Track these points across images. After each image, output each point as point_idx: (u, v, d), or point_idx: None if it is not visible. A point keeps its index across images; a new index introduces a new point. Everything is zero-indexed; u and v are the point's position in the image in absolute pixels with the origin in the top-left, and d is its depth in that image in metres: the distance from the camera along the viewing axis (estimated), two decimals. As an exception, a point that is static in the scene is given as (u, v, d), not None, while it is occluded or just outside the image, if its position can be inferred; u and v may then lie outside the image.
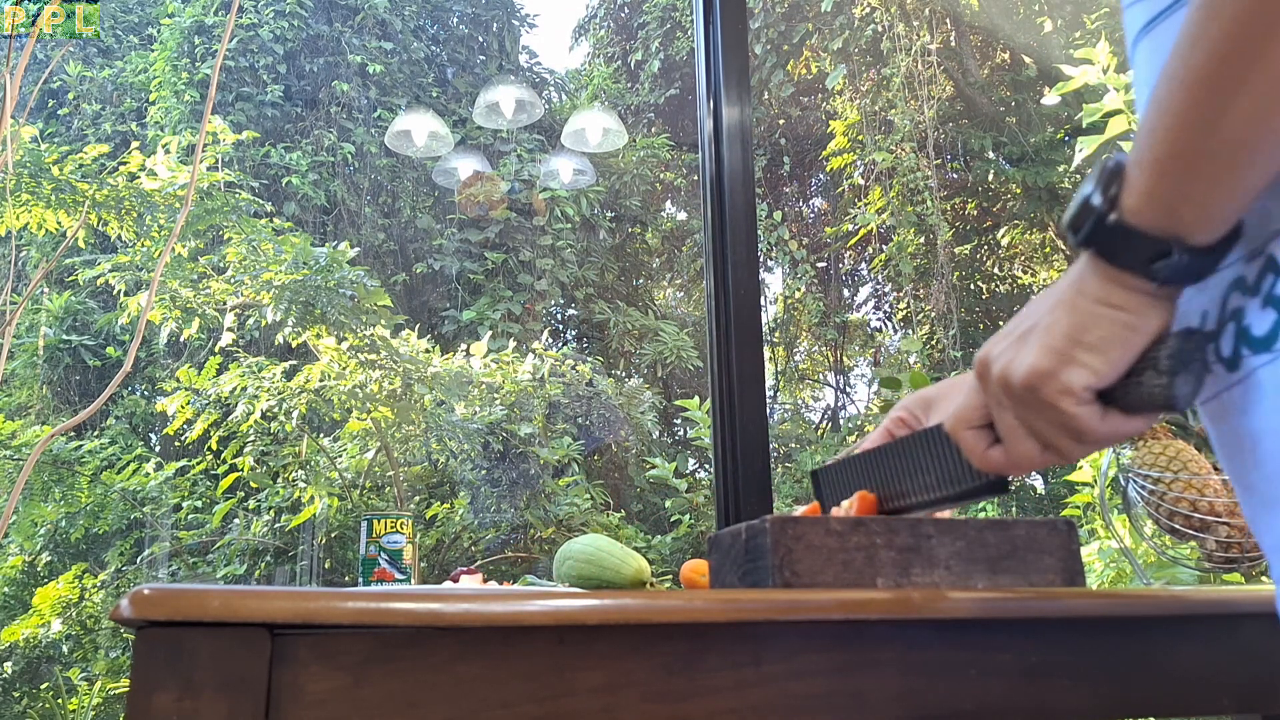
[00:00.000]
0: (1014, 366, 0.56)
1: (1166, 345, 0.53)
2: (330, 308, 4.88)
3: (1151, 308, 0.53)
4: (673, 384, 8.28)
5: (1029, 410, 0.57)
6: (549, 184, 7.86)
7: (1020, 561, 0.80)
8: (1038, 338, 0.56)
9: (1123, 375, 0.54)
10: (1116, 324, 0.53)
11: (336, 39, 7.89)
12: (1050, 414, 0.56)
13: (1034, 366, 0.55)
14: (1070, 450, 0.58)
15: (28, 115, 6.43)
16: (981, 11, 8.26)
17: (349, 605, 0.60)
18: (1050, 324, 0.55)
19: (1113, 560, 2.36)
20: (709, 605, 0.69)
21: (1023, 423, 0.58)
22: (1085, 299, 0.54)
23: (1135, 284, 0.52)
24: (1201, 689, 0.80)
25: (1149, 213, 0.50)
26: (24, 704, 4.90)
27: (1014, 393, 0.57)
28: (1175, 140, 0.49)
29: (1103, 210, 0.52)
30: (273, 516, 5.33)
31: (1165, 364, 0.53)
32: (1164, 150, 0.49)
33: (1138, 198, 0.51)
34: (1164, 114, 0.49)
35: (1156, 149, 0.50)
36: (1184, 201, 0.49)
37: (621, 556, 1.11)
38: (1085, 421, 0.55)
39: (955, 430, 0.65)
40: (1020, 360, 0.56)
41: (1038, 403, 0.56)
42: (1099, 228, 0.52)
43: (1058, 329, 0.55)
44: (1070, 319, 0.54)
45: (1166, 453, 1.41)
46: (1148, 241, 0.51)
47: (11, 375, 6.37)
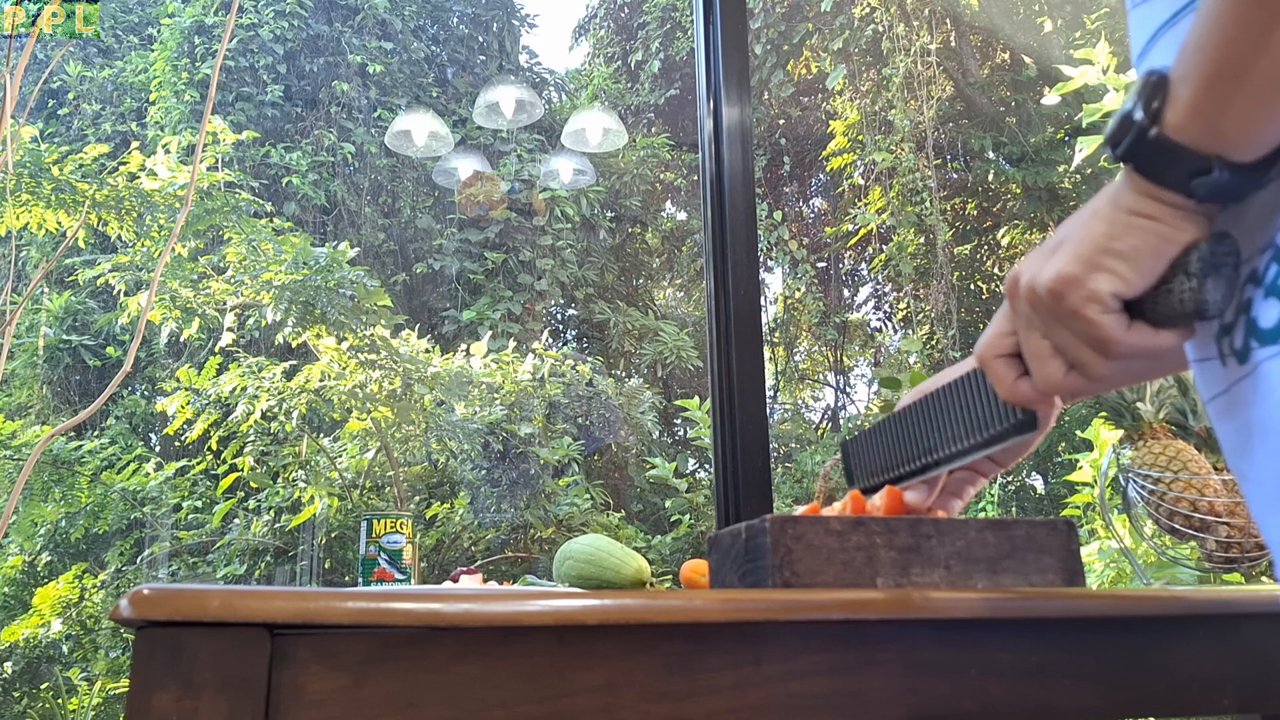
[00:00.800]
0: (1042, 275, 0.56)
1: (1197, 250, 0.52)
2: (330, 308, 4.88)
3: (1187, 220, 0.52)
4: (673, 384, 8.29)
5: (1055, 321, 0.56)
6: (549, 184, 7.86)
7: (1020, 561, 0.80)
8: (1069, 247, 0.55)
9: (1153, 286, 0.53)
10: (1149, 233, 0.52)
11: (336, 39, 7.89)
12: (1075, 324, 0.55)
13: (1060, 272, 0.54)
14: (1095, 366, 0.56)
15: (28, 115, 6.43)
16: (981, 11, 8.26)
17: (349, 605, 0.60)
18: (1082, 235, 0.55)
19: (1113, 560, 2.36)
20: (709, 605, 0.69)
21: (1049, 338, 0.57)
22: (1119, 210, 0.53)
23: (1172, 199, 0.51)
24: (1201, 689, 0.80)
25: (1192, 128, 0.49)
26: (24, 704, 4.90)
27: (1040, 302, 0.56)
28: (1223, 57, 0.47)
29: (1144, 124, 0.51)
30: (273, 516, 5.33)
31: (1196, 266, 0.52)
32: (1211, 67, 0.48)
33: (1181, 113, 0.50)
34: (1213, 29, 0.48)
35: (1204, 65, 0.48)
36: (1229, 119, 0.48)
37: (621, 556, 1.11)
38: (1110, 330, 0.54)
39: (984, 358, 0.63)
40: (1049, 268, 0.55)
41: (1063, 312, 0.55)
42: (1140, 142, 0.51)
43: (1088, 238, 0.54)
44: (1101, 228, 0.54)
45: (1166, 453, 1.41)
46: (1189, 157, 0.50)
47: (11, 375, 6.37)
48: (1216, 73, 0.48)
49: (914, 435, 0.79)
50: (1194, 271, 0.52)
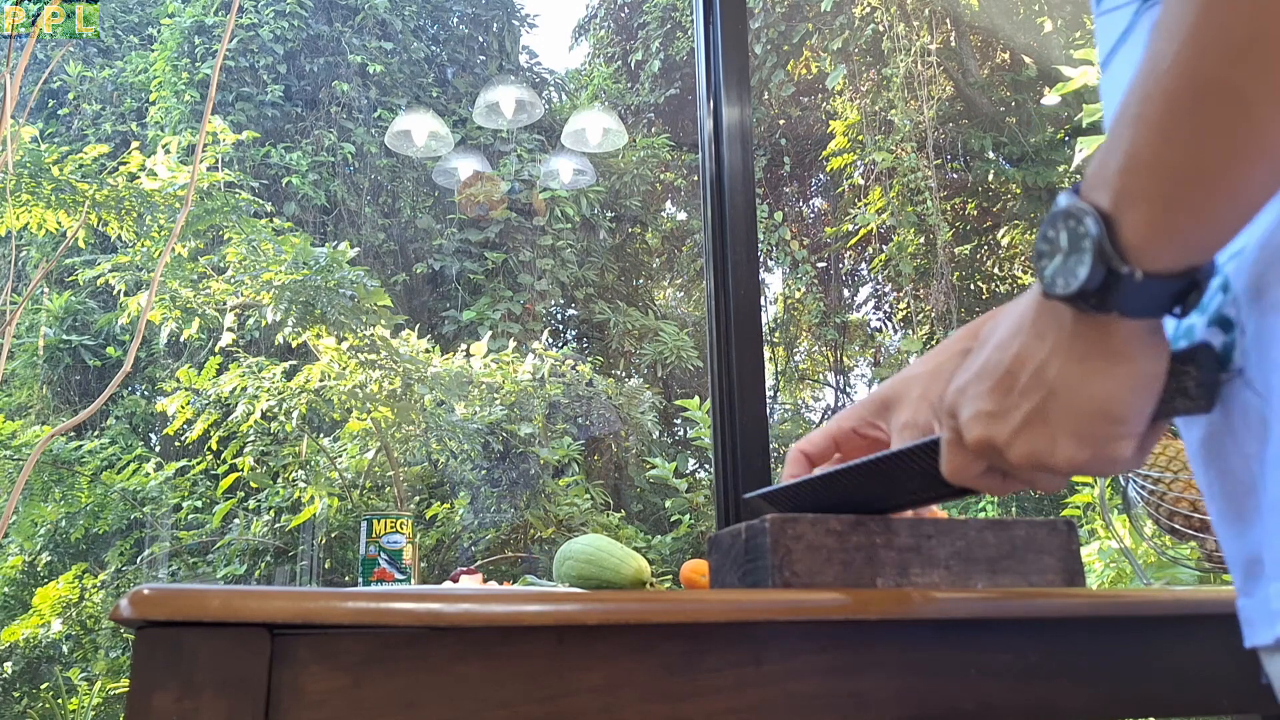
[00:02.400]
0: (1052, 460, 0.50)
1: (1189, 375, 0.49)
2: (330, 308, 4.88)
3: (1157, 338, 0.48)
4: (673, 384, 8.28)
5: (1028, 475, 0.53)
6: (549, 184, 7.86)
7: (1020, 561, 0.80)
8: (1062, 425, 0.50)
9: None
10: (1137, 379, 0.48)
11: (336, 39, 7.89)
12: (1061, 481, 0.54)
13: (1073, 461, 0.50)
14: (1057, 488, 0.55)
15: (28, 115, 6.43)
16: (981, 11, 8.27)
17: (349, 605, 0.60)
18: (1067, 406, 0.49)
19: (1113, 560, 2.36)
20: (709, 605, 0.69)
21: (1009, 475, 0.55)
22: (1093, 363, 0.48)
23: (1148, 324, 0.47)
24: (1201, 689, 0.80)
25: (1173, 253, 0.44)
26: (24, 704, 4.90)
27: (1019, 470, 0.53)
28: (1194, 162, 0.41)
29: (1124, 272, 0.44)
30: (273, 516, 5.33)
31: (1195, 391, 0.50)
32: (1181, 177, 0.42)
33: (1153, 240, 0.44)
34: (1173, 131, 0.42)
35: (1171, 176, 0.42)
36: (1213, 232, 0.44)
37: (621, 556, 1.11)
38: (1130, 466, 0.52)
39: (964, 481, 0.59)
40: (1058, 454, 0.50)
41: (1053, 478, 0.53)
42: (1123, 290, 0.45)
43: (1079, 410, 0.49)
44: (1086, 392, 0.48)
45: (1166, 453, 1.41)
46: (1173, 282, 0.45)
47: (11, 375, 6.37)
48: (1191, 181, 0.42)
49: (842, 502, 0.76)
50: (1193, 394, 0.50)
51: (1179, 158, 0.42)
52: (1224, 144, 0.41)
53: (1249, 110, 0.39)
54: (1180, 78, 0.41)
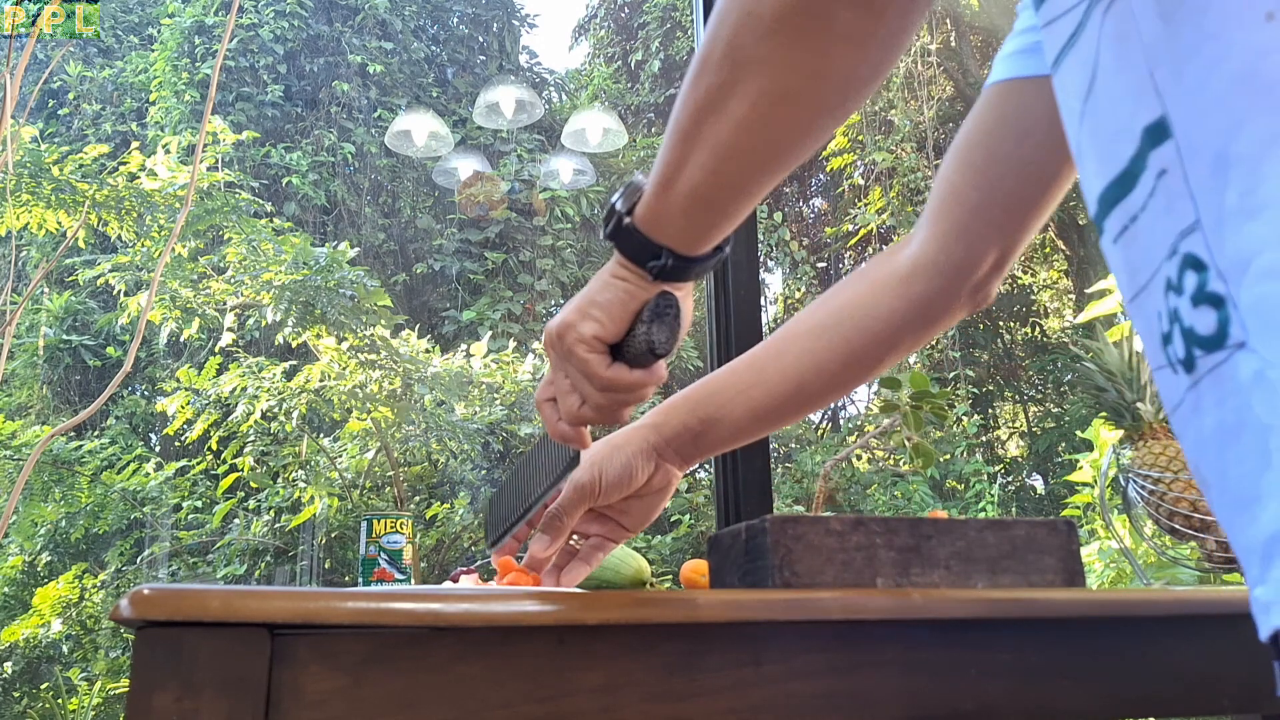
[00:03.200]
0: (551, 323, 0.71)
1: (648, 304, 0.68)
2: (330, 308, 4.88)
3: (650, 284, 0.68)
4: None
5: (565, 361, 0.70)
6: (549, 184, 7.86)
7: (1020, 561, 0.80)
8: (572, 302, 0.70)
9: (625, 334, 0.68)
10: (620, 290, 0.68)
11: (336, 39, 7.89)
12: (574, 360, 0.69)
13: (563, 319, 0.69)
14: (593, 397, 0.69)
15: (28, 115, 6.44)
16: (981, 11, 8.27)
17: (349, 605, 0.60)
18: (582, 293, 0.71)
19: (1113, 560, 2.36)
20: (709, 605, 0.69)
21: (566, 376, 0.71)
22: (606, 273, 0.69)
23: (636, 270, 0.67)
24: (1201, 689, 0.80)
25: (647, 224, 0.65)
26: (24, 704, 4.90)
27: (552, 343, 0.70)
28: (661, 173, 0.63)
29: (621, 213, 0.66)
30: (273, 516, 5.33)
31: (646, 315, 0.67)
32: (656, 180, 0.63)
33: (641, 210, 0.65)
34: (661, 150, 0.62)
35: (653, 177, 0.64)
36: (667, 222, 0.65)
37: (621, 556, 1.11)
38: (594, 366, 0.68)
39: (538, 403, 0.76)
40: (557, 316, 0.71)
41: (565, 351, 0.69)
42: (617, 228, 0.67)
43: (584, 294, 0.70)
44: (593, 286, 0.70)
45: (1166, 453, 1.41)
46: (646, 244, 0.66)
47: (11, 375, 6.37)
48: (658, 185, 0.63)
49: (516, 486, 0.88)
50: (645, 319, 0.67)
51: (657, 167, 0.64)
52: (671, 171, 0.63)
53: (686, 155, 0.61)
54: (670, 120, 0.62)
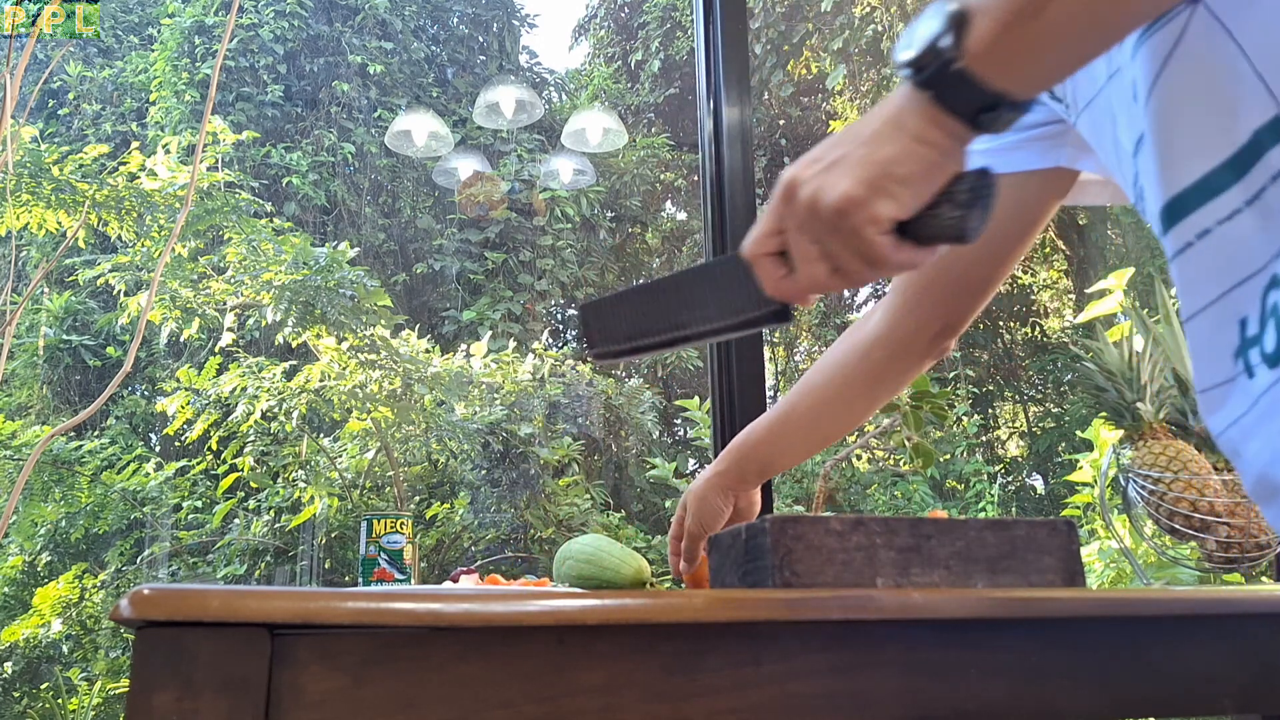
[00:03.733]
0: (825, 192, 0.57)
1: (966, 180, 0.56)
2: (330, 308, 4.88)
3: (959, 150, 0.56)
4: (673, 384, 8.28)
5: (831, 235, 0.58)
6: (549, 184, 7.86)
7: (1020, 561, 0.80)
8: (852, 166, 0.57)
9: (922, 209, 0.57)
10: (929, 161, 0.55)
11: (337, 39, 7.89)
12: (851, 240, 0.58)
13: (847, 193, 0.56)
14: (861, 275, 0.60)
15: (28, 115, 6.43)
16: (981, 11, 8.26)
17: (349, 605, 0.60)
18: (865, 154, 0.56)
19: (1113, 560, 2.36)
20: (709, 605, 0.69)
21: (819, 246, 0.60)
22: (904, 134, 0.55)
23: (954, 128, 0.54)
24: (1201, 689, 0.80)
25: (989, 66, 0.52)
26: (24, 704, 4.90)
27: (821, 216, 0.58)
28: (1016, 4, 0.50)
29: (950, 55, 0.53)
30: (273, 516, 5.33)
31: (962, 197, 0.56)
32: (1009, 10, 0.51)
33: (983, 50, 0.52)
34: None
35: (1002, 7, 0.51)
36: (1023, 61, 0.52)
37: (621, 556, 1.11)
38: (883, 249, 0.57)
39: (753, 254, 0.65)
40: (832, 185, 0.57)
41: (843, 228, 0.57)
42: (943, 72, 0.53)
43: (873, 159, 0.56)
44: (885, 150, 0.56)
45: (1166, 453, 1.41)
46: (983, 93, 0.53)
47: (11, 375, 6.37)
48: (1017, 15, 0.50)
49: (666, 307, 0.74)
50: (961, 201, 0.56)
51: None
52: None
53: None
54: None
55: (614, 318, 0.78)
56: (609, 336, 0.78)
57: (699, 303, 0.72)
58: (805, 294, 0.64)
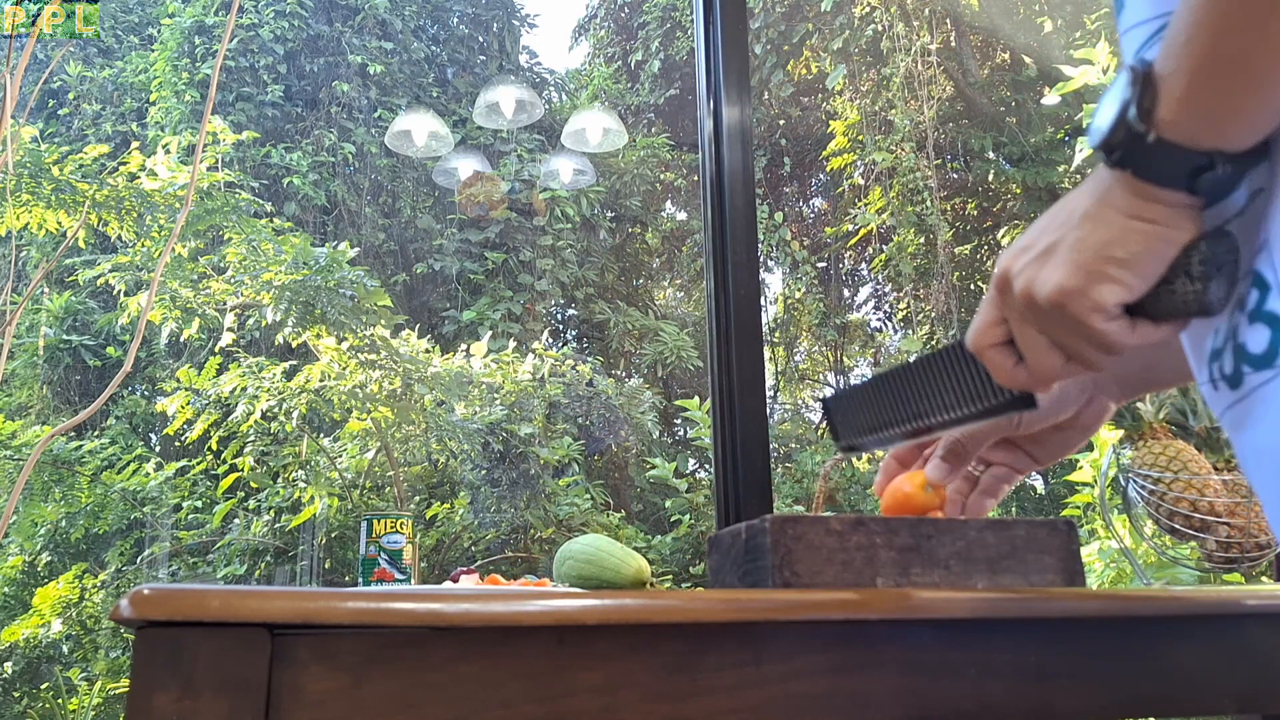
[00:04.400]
0: (1040, 284, 0.55)
1: (1199, 250, 0.51)
2: (330, 308, 4.88)
3: (1184, 218, 0.51)
4: (673, 384, 8.28)
5: (1055, 326, 0.56)
6: (549, 184, 7.86)
7: (1020, 561, 0.80)
8: (1065, 254, 0.54)
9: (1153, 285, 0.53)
10: (1150, 237, 0.51)
11: (337, 39, 7.89)
12: (1078, 329, 0.54)
13: (1061, 285, 0.53)
14: (1097, 361, 0.56)
15: (28, 115, 6.43)
16: (981, 11, 8.26)
17: (349, 605, 0.60)
18: (1078, 239, 0.53)
19: (1113, 560, 2.36)
20: (709, 605, 0.69)
21: (1046, 334, 0.57)
22: (1115, 213, 0.52)
23: (1171, 198, 0.50)
24: (1202, 689, 0.80)
25: (1190, 125, 0.47)
26: (24, 704, 4.90)
27: (1039, 310, 0.55)
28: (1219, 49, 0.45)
29: (1140, 129, 0.49)
30: (273, 516, 5.33)
31: (1198, 270, 0.51)
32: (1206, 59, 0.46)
33: (1177, 110, 0.47)
34: (1203, 20, 0.45)
35: (1198, 57, 0.46)
36: (1229, 111, 0.47)
37: (621, 556, 1.11)
38: (1114, 336, 0.54)
39: (979, 348, 0.63)
40: (1046, 277, 0.54)
41: (1066, 319, 0.54)
42: (1137, 147, 0.49)
43: (1086, 244, 0.53)
44: (1099, 234, 0.52)
45: (1166, 453, 1.41)
46: (1190, 155, 0.48)
47: (11, 375, 6.37)
48: (1213, 65, 0.46)
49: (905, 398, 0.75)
50: (1197, 275, 0.51)
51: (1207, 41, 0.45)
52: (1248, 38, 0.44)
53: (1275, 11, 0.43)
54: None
55: (856, 410, 0.80)
56: (853, 429, 0.80)
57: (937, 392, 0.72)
58: (1042, 383, 0.61)
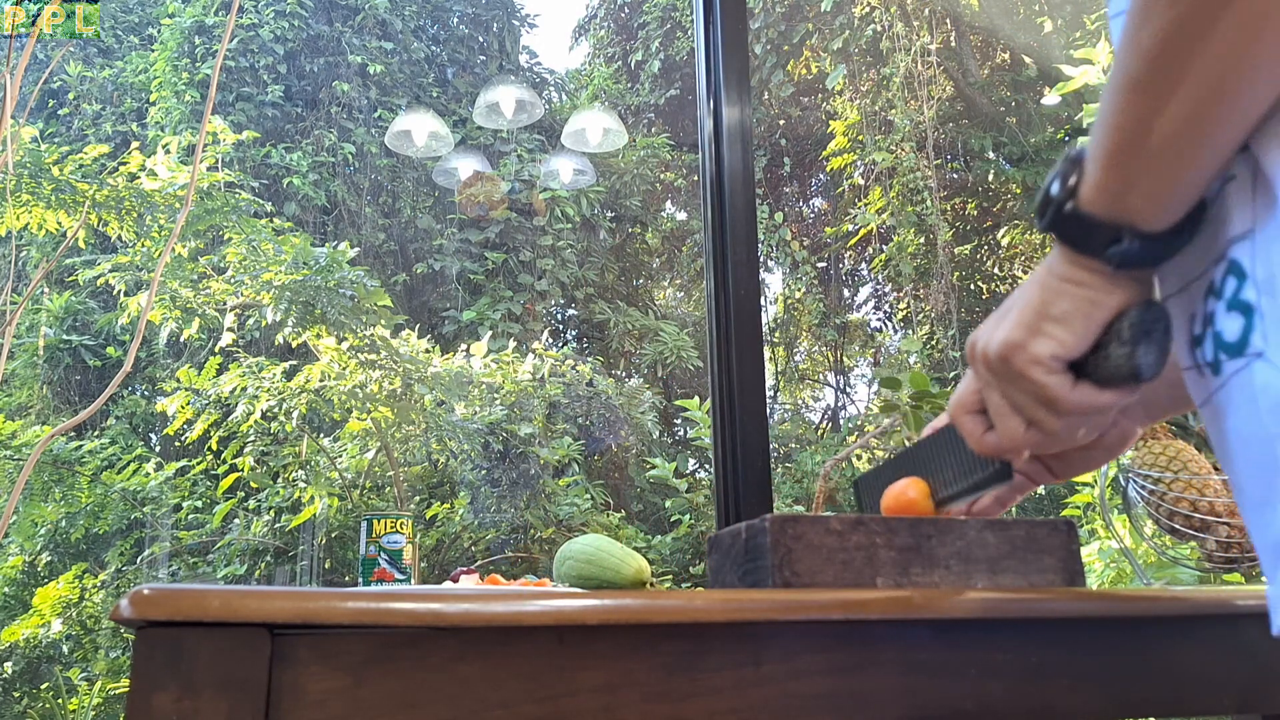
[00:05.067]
0: (991, 342, 0.61)
1: (1128, 316, 0.56)
2: (330, 308, 4.88)
3: (1113, 285, 0.56)
4: (673, 384, 8.28)
5: (1008, 383, 0.61)
6: (549, 184, 7.86)
7: (1020, 561, 0.80)
8: (1014, 315, 0.60)
9: (1091, 349, 0.57)
10: (1079, 299, 0.57)
11: (337, 39, 7.89)
12: (1025, 384, 0.59)
13: (1006, 338, 0.59)
14: (1047, 422, 0.61)
15: (28, 115, 6.43)
16: (981, 11, 8.26)
17: (349, 605, 0.60)
18: (1024, 302, 0.60)
19: (1113, 560, 2.36)
20: (709, 605, 0.69)
21: (1005, 398, 0.62)
22: (1053, 277, 0.58)
23: (1094, 265, 0.56)
24: (1201, 689, 0.80)
25: (1100, 202, 0.54)
26: (24, 704, 4.90)
27: (993, 366, 0.61)
28: (1118, 137, 0.52)
29: (1061, 199, 0.56)
30: (273, 516, 5.33)
31: (1127, 334, 0.56)
32: (1110, 145, 0.53)
33: (1090, 188, 0.54)
34: (1109, 112, 0.52)
35: (1104, 143, 0.53)
36: (1130, 192, 0.53)
37: (621, 556, 1.11)
38: (1056, 390, 0.58)
39: (955, 416, 0.68)
40: (996, 335, 0.61)
41: (1013, 374, 0.60)
42: (1059, 215, 0.56)
43: (1030, 305, 0.59)
44: (1039, 295, 0.59)
45: (1166, 453, 1.41)
46: (1102, 228, 0.54)
47: (11, 375, 6.37)
48: (1114, 149, 0.52)
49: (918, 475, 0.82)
50: (1126, 339, 0.56)
51: (1110, 124, 0.52)
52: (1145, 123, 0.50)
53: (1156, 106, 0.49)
54: (1113, 76, 0.51)
55: (879, 488, 0.86)
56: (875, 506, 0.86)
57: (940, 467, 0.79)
58: (1008, 449, 0.65)
